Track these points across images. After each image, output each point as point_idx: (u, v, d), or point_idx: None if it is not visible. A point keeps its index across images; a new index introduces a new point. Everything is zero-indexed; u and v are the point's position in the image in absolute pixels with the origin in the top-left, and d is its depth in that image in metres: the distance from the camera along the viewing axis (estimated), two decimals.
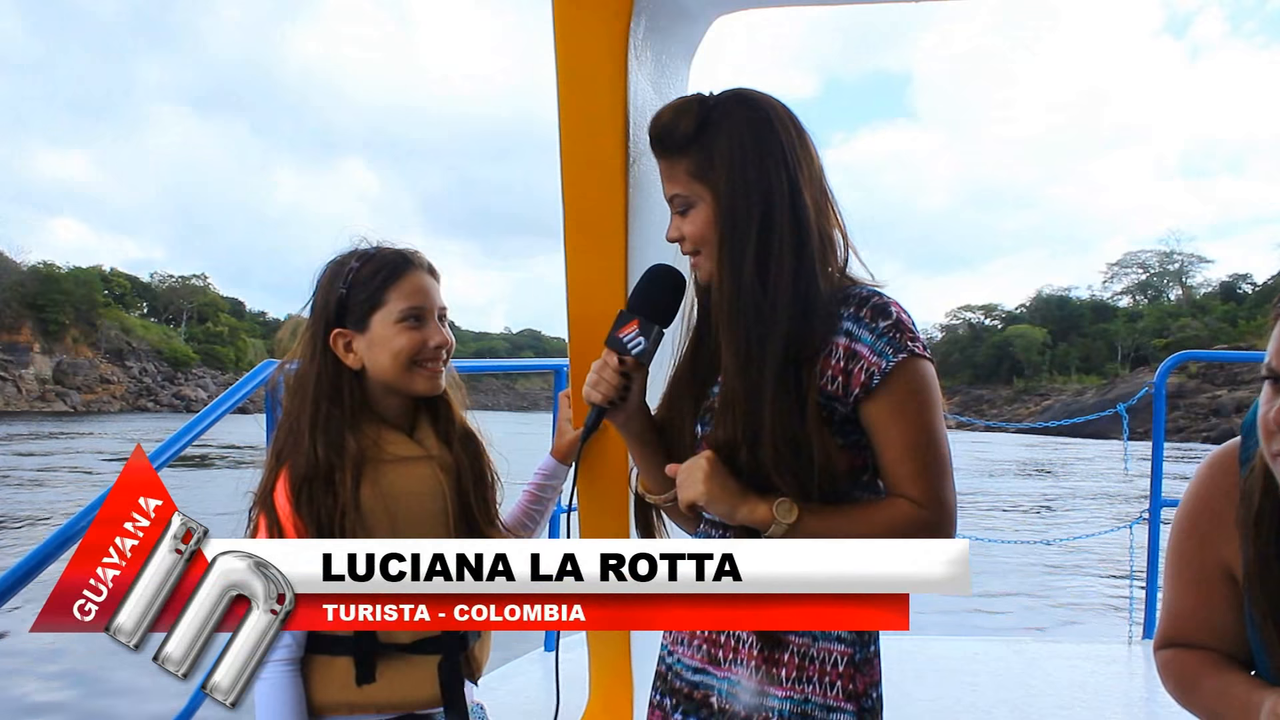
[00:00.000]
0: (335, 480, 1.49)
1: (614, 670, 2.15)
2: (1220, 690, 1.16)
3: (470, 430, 1.69)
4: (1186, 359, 4.67)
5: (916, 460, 1.24)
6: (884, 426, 1.25)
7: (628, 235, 1.76)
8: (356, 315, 1.57)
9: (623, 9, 1.71)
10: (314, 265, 1.63)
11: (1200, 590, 1.21)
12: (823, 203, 1.34)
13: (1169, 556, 1.26)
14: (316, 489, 1.48)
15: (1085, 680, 3.62)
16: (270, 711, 1.46)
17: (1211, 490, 1.20)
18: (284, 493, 1.50)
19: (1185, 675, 1.22)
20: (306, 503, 1.48)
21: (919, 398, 1.25)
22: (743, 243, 1.29)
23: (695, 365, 1.43)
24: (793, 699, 1.28)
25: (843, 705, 1.28)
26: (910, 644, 4.01)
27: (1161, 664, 1.27)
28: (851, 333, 1.26)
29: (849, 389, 1.26)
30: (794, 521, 1.23)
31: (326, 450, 1.50)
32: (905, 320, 1.27)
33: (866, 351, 1.25)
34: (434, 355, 1.58)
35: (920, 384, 1.25)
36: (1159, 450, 4.15)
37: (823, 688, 1.28)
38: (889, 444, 1.25)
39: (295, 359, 1.61)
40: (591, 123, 1.73)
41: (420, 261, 1.62)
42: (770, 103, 1.35)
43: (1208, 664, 1.20)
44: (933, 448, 1.25)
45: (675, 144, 1.34)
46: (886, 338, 1.25)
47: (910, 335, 1.25)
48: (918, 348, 1.25)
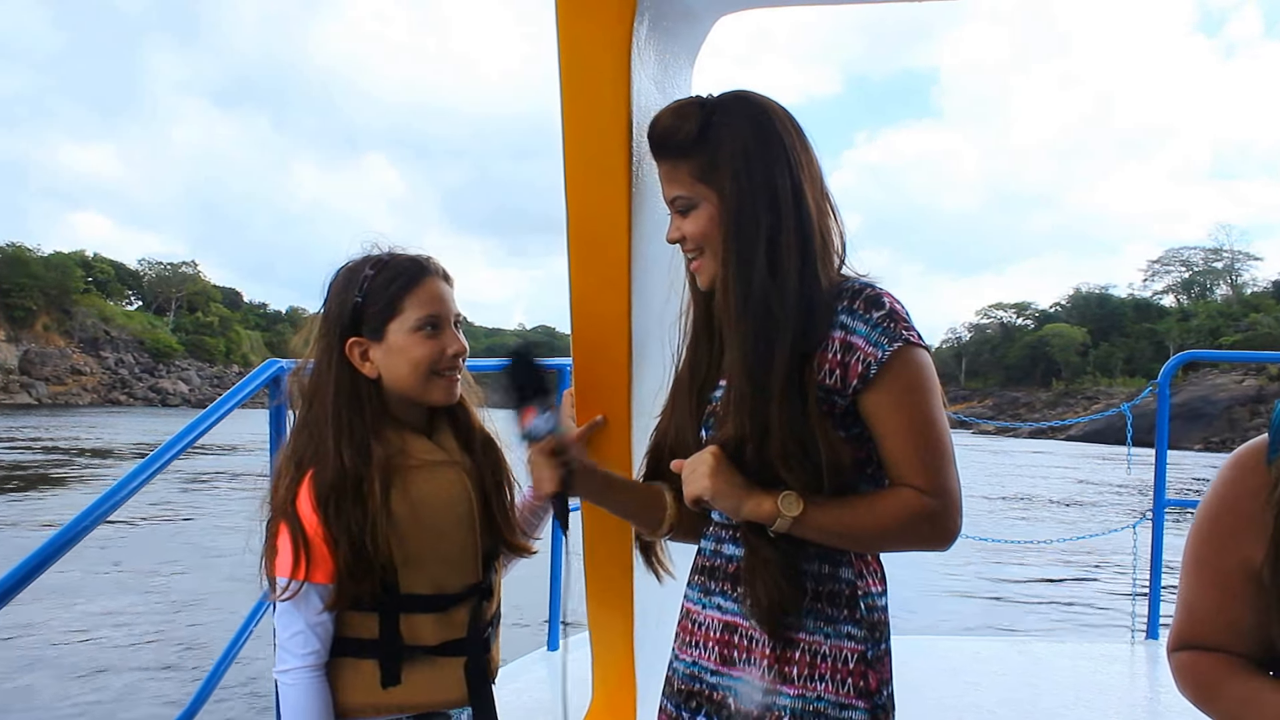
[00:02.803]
0: (364, 489, 1.53)
1: (618, 670, 2.22)
2: (1246, 696, 1.18)
3: (490, 437, 1.74)
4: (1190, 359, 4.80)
5: (917, 448, 1.31)
6: (884, 417, 1.32)
7: (631, 238, 1.84)
8: (373, 324, 1.61)
9: (625, 9, 1.78)
10: (337, 262, 1.67)
11: (1222, 590, 1.22)
12: (823, 202, 1.41)
13: (1188, 556, 1.27)
14: (346, 498, 1.52)
15: (1089, 679, 3.75)
16: (297, 714, 1.52)
17: (1237, 490, 1.21)
18: (308, 502, 1.53)
19: (1206, 679, 1.23)
20: (335, 513, 1.51)
21: (917, 386, 1.31)
22: (751, 243, 1.35)
23: (694, 370, 1.51)
24: (805, 697, 1.34)
25: (855, 703, 1.34)
26: (913, 643, 4.14)
27: (1177, 667, 1.28)
28: (846, 325, 1.33)
29: (847, 381, 1.32)
30: (799, 515, 1.30)
31: (354, 458, 1.54)
32: (899, 310, 1.33)
33: (862, 343, 1.31)
34: (452, 363, 1.63)
35: (917, 372, 1.32)
36: (1162, 451, 4.28)
37: (835, 685, 1.34)
38: (890, 434, 1.32)
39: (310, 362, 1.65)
40: (595, 123, 1.81)
41: (435, 268, 1.66)
42: (769, 104, 1.42)
43: (1230, 668, 1.21)
44: (933, 435, 1.31)
45: (677, 147, 1.41)
46: (881, 328, 1.31)
47: (904, 324, 1.32)
48: (913, 336, 1.31)
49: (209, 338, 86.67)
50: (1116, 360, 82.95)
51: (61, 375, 70.42)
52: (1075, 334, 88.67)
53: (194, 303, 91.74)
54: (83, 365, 72.73)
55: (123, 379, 74.68)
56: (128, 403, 70.84)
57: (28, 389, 66.83)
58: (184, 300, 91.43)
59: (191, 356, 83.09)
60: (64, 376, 70.58)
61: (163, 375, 77.58)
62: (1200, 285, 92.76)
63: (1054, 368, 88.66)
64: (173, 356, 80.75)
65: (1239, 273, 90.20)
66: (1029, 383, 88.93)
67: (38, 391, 67.06)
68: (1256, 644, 1.20)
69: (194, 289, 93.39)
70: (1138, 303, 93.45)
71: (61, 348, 72.40)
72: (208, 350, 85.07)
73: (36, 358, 69.49)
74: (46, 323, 72.67)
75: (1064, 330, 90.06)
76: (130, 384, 74.51)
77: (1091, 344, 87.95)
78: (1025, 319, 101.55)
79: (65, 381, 70.33)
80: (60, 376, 70.26)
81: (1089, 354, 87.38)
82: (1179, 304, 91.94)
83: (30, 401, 65.01)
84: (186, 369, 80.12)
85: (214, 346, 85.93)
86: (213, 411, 2.17)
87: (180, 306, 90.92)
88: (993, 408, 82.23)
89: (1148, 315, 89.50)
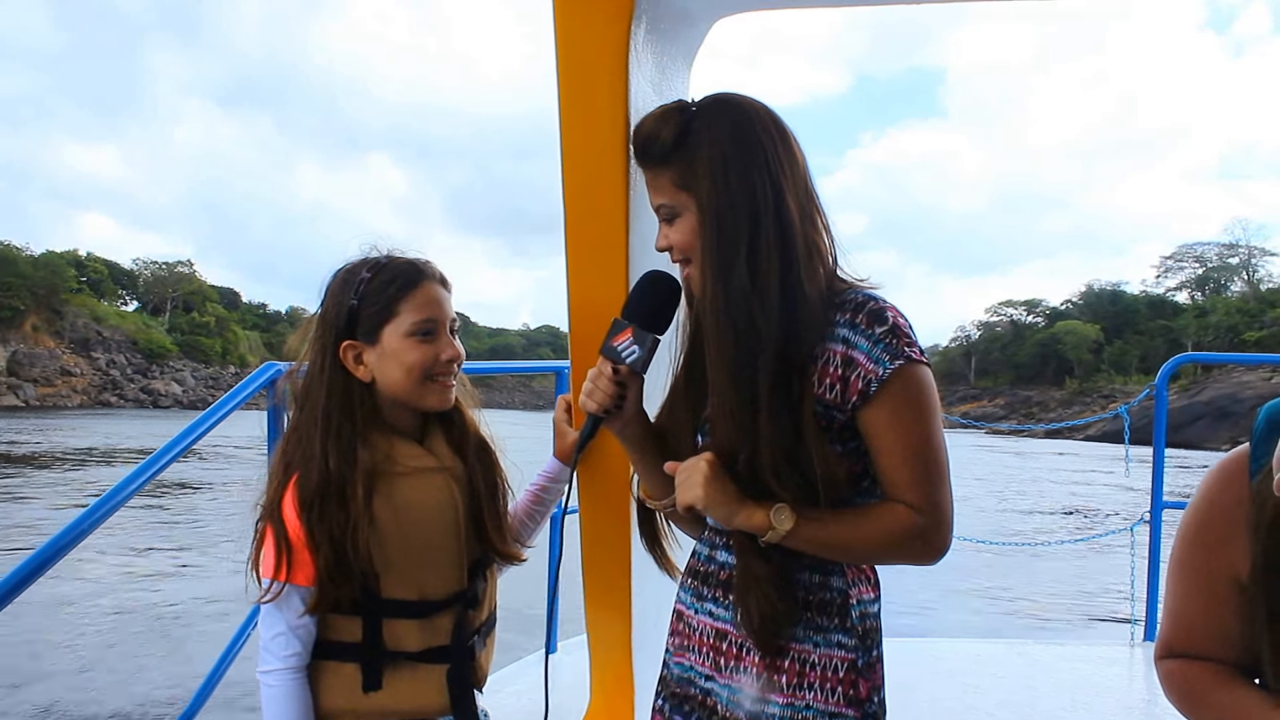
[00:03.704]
0: (347, 493, 1.55)
1: (615, 673, 2.25)
2: (1231, 706, 1.20)
3: (484, 442, 1.76)
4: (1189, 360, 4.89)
5: (914, 466, 1.32)
6: (881, 433, 1.33)
7: (629, 239, 1.87)
8: (367, 327, 1.63)
9: (623, 12, 1.81)
10: (340, 263, 1.69)
11: (1208, 599, 1.24)
12: (808, 207, 1.41)
13: (1174, 564, 1.29)
14: (329, 502, 1.54)
15: (1086, 682, 3.80)
16: (277, 715, 1.55)
17: (1224, 498, 1.23)
18: (292, 505, 1.56)
19: (1192, 688, 1.26)
20: (318, 517, 1.54)
21: (917, 404, 1.33)
22: (730, 251, 1.36)
23: (691, 374, 1.51)
24: (794, 705, 1.36)
25: (844, 711, 1.36)
26: (911, 645, 4.20)
27: (1164, 674, 1.30)
28: (848, 339, 1.33)
29: (847, 397, 1.33)
30: (790, 529, 1.32)
31: (339, 462, 1.56)
32: (902, 325, 1.34)
33: (863, 359, 1.32)
34: (446, 369, 1.66)
35: (917, 390, 1.32)
36: (1160, 452, 4.34)
37: (824, 694, 1.36)
38: (886, 450, 1.33)
39: (305, 363, 1.67)
40: (592, 125, 1.83)
41: (432, 272, 1.68)
42: (752, 106, 1.42)
43: (1216, 677, 1.23)
44: (930, 453, 1.33)
45: (657, 154, 1.42)
46: (883, 344, 1.32)
47: (907, 340, 1.33)
48: (915, 353, 1.32)
49: (205, 338, 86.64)
50: (1131, 358, 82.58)
51: (50, 377, 70.28)
52: (1088, 331, 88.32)
53: (190, 302, 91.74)
54: (73, 366, 72.66)
55: (114, 380, 74.57)
56: (118, 404, 70.70)
57: (15, 391, 66.62)
58: (179, 300, 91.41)
59: (187, 357, 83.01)
60: (53, 378, 70.46)
61: (156, 376, 77.44)
62: (1215, 282, 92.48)
63: (1066, 366, 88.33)
64: (167, 357, 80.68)
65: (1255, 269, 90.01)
66: (1040, 382, 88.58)
67: (25, 393, 66.82)
68: (1243, 652, 1.22)
69: (189, 288, 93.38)
70: (1151, 299, 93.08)
71: (51, 348, 72.28)
72: (203, 351, 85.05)
73: (24, 359, 69.32)
74: (36, 323, 72.54)
75: (1076, 327, 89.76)
76: (121, 385, 74.39)
77: (1105, 341, 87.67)
78: (1036, 316, 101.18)
79: (54, 383, 70.20)
80: (49, 378, 70.13)
81: (1102, 352, 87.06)
82: (1194, 301, 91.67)
83: (17, 404, 64.81)
84: (181, 370, 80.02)
85: (210, 347, 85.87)
86: (210, 414, 2.19)
87: (176, 306, 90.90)
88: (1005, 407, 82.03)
89: (1162, 312, 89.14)
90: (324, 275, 1.70)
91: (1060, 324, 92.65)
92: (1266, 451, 1.17)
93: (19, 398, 66.19)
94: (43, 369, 70.09)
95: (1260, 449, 1.20)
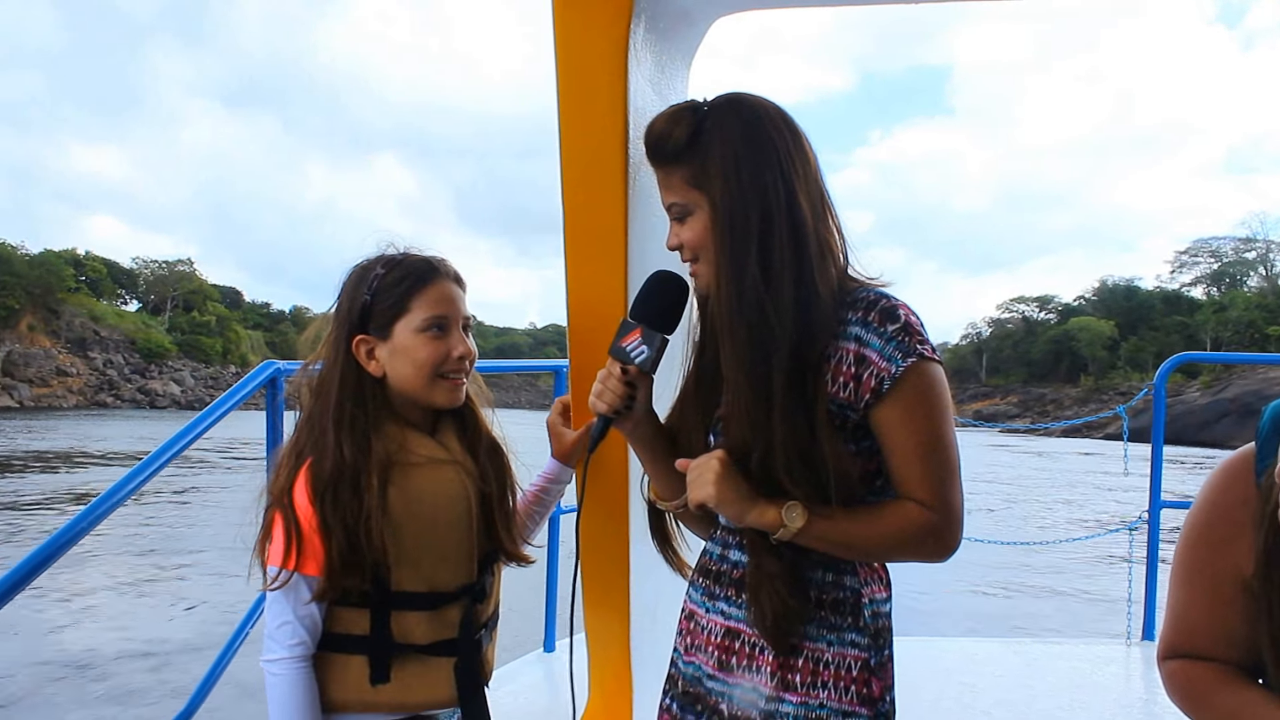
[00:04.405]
0: (361, 481, 1.57)
1: (614, 671, 2.28)
2: (1235, 706, 1.21)
3: (496, 442, 1.79)
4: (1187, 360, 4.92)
5: (925, 464, 1.34)
6: (894, 430, 1.35)
7: (628, 239, 1.90)
8: (380, 322, 1.66)
9: (622, 11, 1.84)
10: (348, 263, 1.72)
11: (1212, 599, 1.25)
12: (820, 205, 1.43)
13: (1178, 564, 1.29)
14: (343, 490, 1.56)
15: (1084, 680, 3.84)
16: (283, 707, 1.56)
17: (1228, 498, 1.24)
18: (304, 492, 1.57)
19: (1196, 689, 1.27)
20: (332, 504, 1.55)
21: (929, 402, 1.34)
22: (743, 250, 1.37)
23: (701, 375, 1.53)
24: (808, 704, 1.37)
25: (858, 710, 1.38)
26: (909, 645, 4.19)
27: (1168, 675, 1.31)
28: (860, 338, 1.35)
29: (859, 395, 1.34)
30: (802, 526, 1.33)
31: (353, 451, 1.58)
32: (914, 323, 1.35)
33: (876, 356, 1.34)
34: (457, 366, 1.68)
35: (930, 388, 1.34)
36: (1158, 451, 4.40)
37: (837, 692, 1.37)
38: (898, 448, 1.35)
39: (319, 360, 1.69)
40: (591, 125, 1.86)
41: (446, 270, 1.70)
42: (764, 106, 1.44)
43: (1220, 678, 1.24)
44: (941, 451, 1.34)
45: (670, 153, 1.43)
46: (895, 342, 1.33)
47: (919, 338, 1.34)
48: (927, 351, 1.34)
49: (205, 337, 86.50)
50: (1147, 354, 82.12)
51: (46, 377, 70.16)
52: (1103, 327, 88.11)
53: (190, 302, 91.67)
54: (69, 366, 72.53)
55: (111, 380, 74.45)
56: (115, 405, 70.52)
57: (9, 391, 66.39)
58: (180, 299, 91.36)
59: (186, 357, 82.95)
60: (49, 378, 70.35)
61: (154, 376, 77.33)
62: (1231, 276, 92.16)
63: (1080, 363, 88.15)
64: (166, 357, 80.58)
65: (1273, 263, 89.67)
66: (1054, 379, 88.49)
67: (20, 394, 66.63)
68: (1247, 652, 1.23)
69: (190, 288, 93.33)
70: (1167, 295, 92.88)
71: (47, 348, 72.14)
72: (204, 350, 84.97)
73: (20, 358, 69.15)
74: (31, 322, 72.47)
75: (1090, 324, 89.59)
76: (118, 385, 74.25)
77: (1120, 338, 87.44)
78: (1048, 313, 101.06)
79: (50, 383, 70.07)
80: (45, 378, 70.01)
81: (1118, 348, 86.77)
82: (1209, 296, 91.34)
83: (11, 404, 64.59)
84: (180, 369, 79.96)
85: (210, 346, 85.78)
86: (208, 414, 2.21)
87: (176, 306, 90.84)
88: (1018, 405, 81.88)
89: (1178, 308, 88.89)
90: (331, 275, 1.73)
91: (1074, 320, 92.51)
92: (1272, 450, 1.18)
93: (13, 398, 65.89)
94: (38, 369, 69.89)
95: (1266, 448, 1.21)
